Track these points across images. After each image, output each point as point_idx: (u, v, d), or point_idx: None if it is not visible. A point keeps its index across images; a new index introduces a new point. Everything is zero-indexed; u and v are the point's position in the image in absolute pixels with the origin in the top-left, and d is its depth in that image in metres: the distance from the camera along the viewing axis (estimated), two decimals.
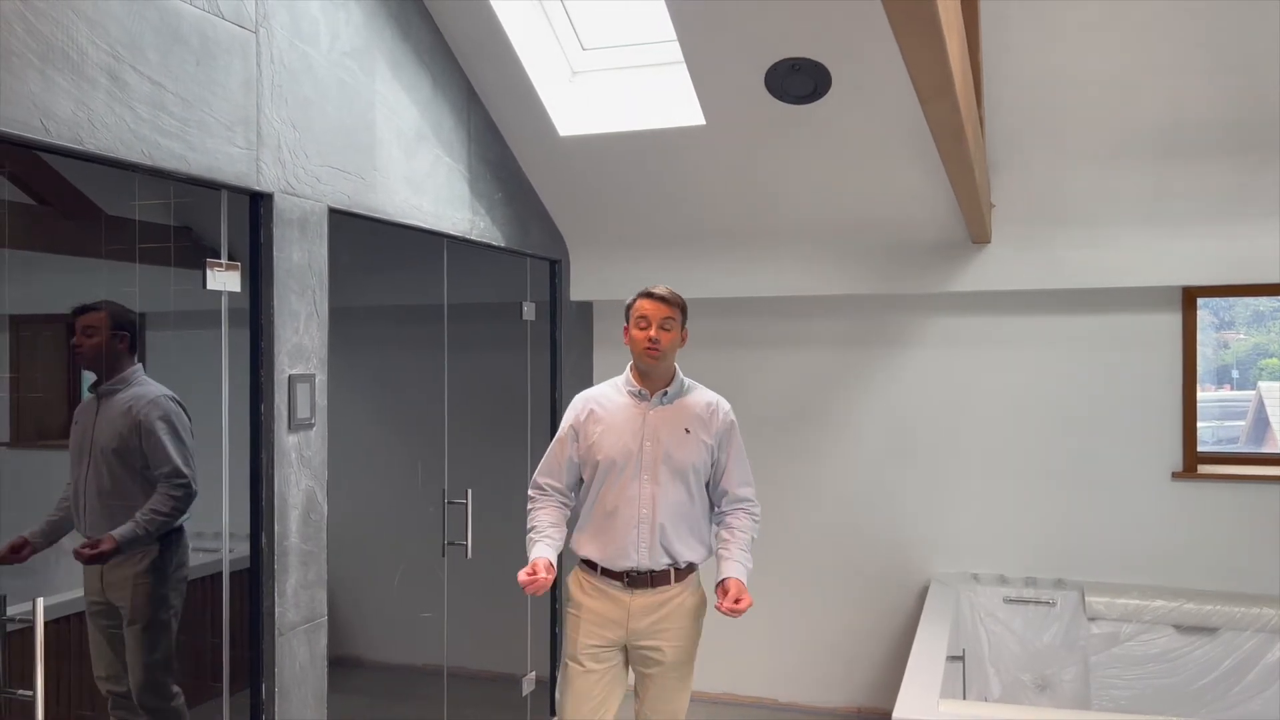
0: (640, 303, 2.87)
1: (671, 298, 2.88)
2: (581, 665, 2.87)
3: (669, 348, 2.86)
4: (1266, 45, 3.43)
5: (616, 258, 4.67)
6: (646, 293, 2.88)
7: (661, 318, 2.84)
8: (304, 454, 2.84)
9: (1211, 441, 4.60)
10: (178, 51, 2.39)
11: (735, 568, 2.85)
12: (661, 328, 2.84)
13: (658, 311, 2.84)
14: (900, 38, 1.92)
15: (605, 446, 2.86)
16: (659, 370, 2.90)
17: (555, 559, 2.82)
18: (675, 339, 2.88)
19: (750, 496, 3.00)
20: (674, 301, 2.88)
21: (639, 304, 2.88)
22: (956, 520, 4.54)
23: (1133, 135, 3.86)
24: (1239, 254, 3.93)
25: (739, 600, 2.73)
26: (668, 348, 2.86)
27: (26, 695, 2.13)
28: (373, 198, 3.19)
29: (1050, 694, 4.23)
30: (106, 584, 2.50)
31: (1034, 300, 4.40)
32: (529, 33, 3.75)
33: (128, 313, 2.52)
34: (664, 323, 2.84)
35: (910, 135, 3.70)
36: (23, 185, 2.31)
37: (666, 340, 2.85)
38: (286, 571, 2.77)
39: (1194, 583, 4.21)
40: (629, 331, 2.90)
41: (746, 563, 2.89)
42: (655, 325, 2.83)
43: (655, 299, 2.86)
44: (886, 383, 4.64)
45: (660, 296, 2.86)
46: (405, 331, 4.28)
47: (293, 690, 2.80)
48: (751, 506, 2.99)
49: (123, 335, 2.50)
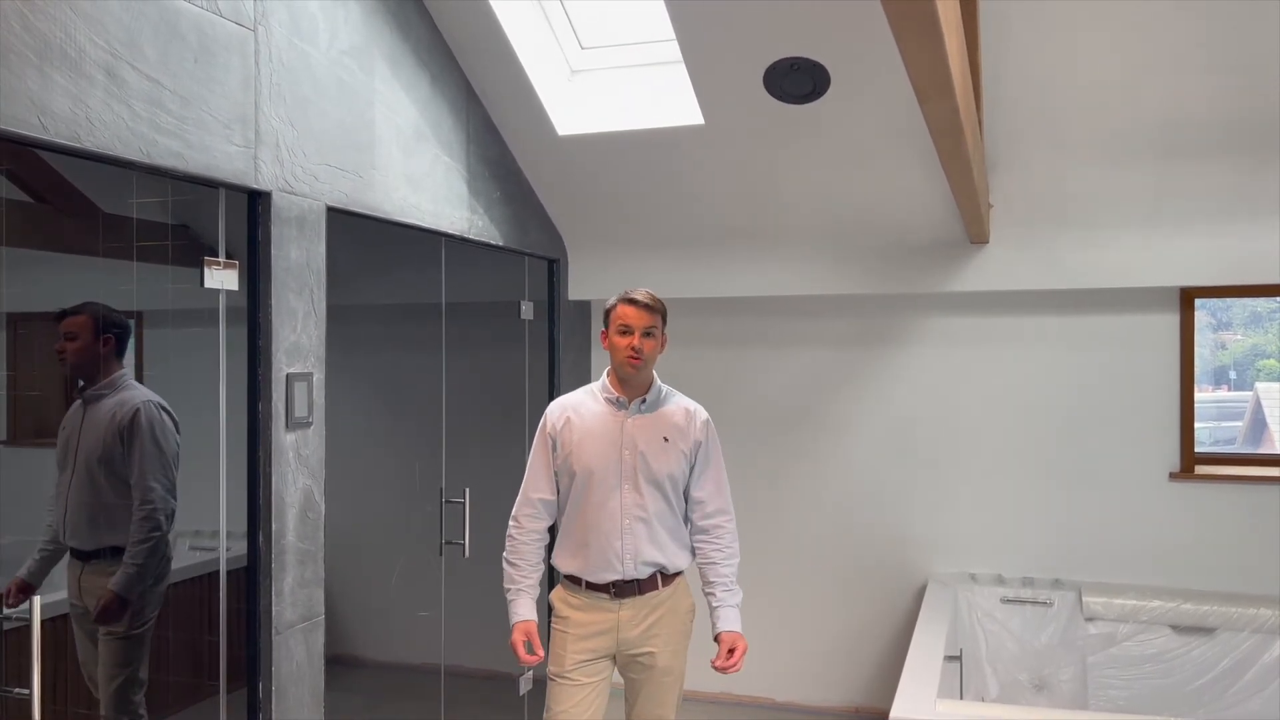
0: (622, 309, 2.78)
1: (654, 304, 2.79)
2: (572, 680, 2.79)
3: (650, 356, 2.78)
4: (1265, 46, 3.44)
5: (615, 257, 4.67)
6: (629, 299, 2.78)
7: (645, 326, 2.76)
8: (301, 453, 2.84)
9: (1209, 442, 4.60)
10: (176, 49, 2.39)
11: (729, 618, 2.84)
12: (645, 335, 2.76)
13: (640, 319, 2.76)
14: (899, 37, 1.92)
15: (583, 456, 2.79)
16: (639, 378, 2.82)
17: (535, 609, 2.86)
18: (656, 346, 2.80)
19: (727, 509, 2.92)
20: (656, 308, 2.79)
21: (621, 310, 2.79)
22: (954, 520, 4.54)
23: (1131, 136, 3.86)
24: (1237, 255, 3.94)
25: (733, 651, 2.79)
26: (649, 356, 2.78)
27: (23, 694, 2.13)
28: (371, 196, 3.19)
29: (1048, 694, 4.23)
30: (84, 589, 2.45)
31: (1032, 300, 4.40)
32: (528, 31, 3.75)
33: (114, 314, 2.46)
34: (647, 330, 2.76)
35: (909, 135, 3.70)
36: (20, 183, 2.30)
37: (649, 348, 2.77)
38: (284, 570, 2.76)
39: (1191, 583, 4.22)
40: (609, 336, 2.81)
41: (737, 602, 2.87)
42: (638, 333, 2.75)
43: (639, 306, 2.77)
44: (884, 383, 4.65)
45: (644, 304, 2.77)
46: (403, 330, 4.29)
47: (290, 689, 2.80)
48: (729, 523, 2.92)
49: (107, 339, 2.45)
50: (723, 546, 2.89)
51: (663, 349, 2.86)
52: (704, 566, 2.90)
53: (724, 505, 2.92)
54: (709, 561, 2.89)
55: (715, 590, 2.87)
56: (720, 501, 2.92)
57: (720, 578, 2.87)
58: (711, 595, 2.88)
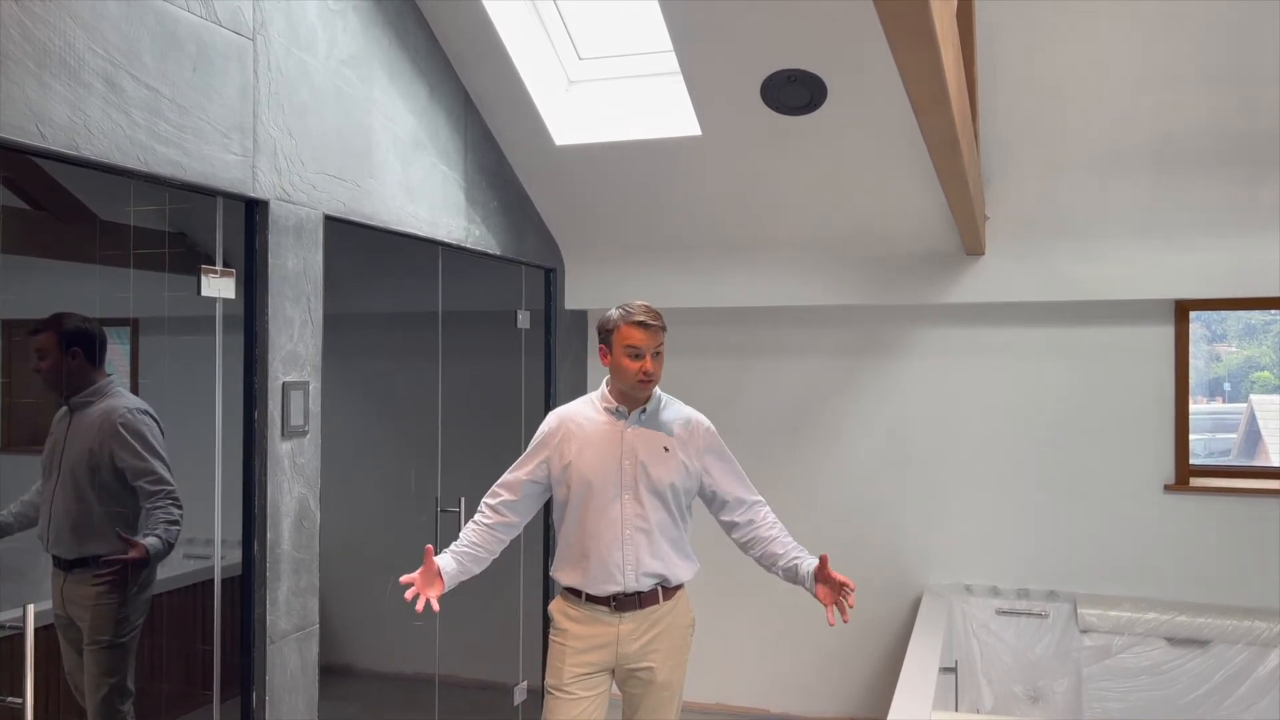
0: (628, 331, 2.71)
1: (661, 323, 2.76)
2: (570, 694, 2.75)
3: (660, 374, 2.78)
4: (1260, 59, 3.46)
5: (612, 267, 4.68)
6: (634, 321, 2.72)
7: (655, 347, 2.73)
8: (297, 461, 2.83)
9: (1204, 454, 4.61)
10: (175, 58, 2.40)
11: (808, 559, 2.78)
12: (655, 355, 2.73)
13: (650, 341, 2.71)
14: (895, 49, 1.93)
15: (583, 466, 2.75)
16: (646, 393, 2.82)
17: (450, 573, 2.68)
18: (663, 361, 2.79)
19: (760, 498, 2.91)
20: (663, 327, 2.76)
21: (628, 332, 2.71)
22: (949, 531, 4.54)
23: (1126, 148, 3.88)
24: (1232, 267, 3.95)
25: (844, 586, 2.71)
26: (660, 375, 2.77)
27: (16, 702, 2.12)
28: (369, 205, 3.20)
29: (1042, 706, 4.23)
30: (67, 598, 2.43)
31: (1027, 312, 4.41)
32: (526, 41, 3.76)
33: (82, 324, 2.45)
34: (657, 350, 2.74)
35: (905, 147, 3.72)
36: (18, 190, 2.31)
37: (659, 370, 2.76)
38: (279, 579, 2.76)
39: (1186, 595, 4.22)
40: (613, 357, 2.75)
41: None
42: (649, 356, 2.71)
43: (647, 328, 2.71)
44: (880, 393, 4.65)
45: (651, 325, 2.72)
46: (400, 339, 4.28)
47: (284, 698, 2.79)
48: (767, 507, 2.91)
49: (74, 351, 2.44)
50: (773, 524, 2.88)
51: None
52: (767, 545, 2.84)
53: (756, 495, 2.92)
54: (769, 538, 2.84)
55: (789, 551, 2.81)
56: (752, 494, 2.91)
57: (787, 547, 2.83)
58: (791, 557, 2.80)
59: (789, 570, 2.81)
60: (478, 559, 2.79)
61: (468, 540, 2.79)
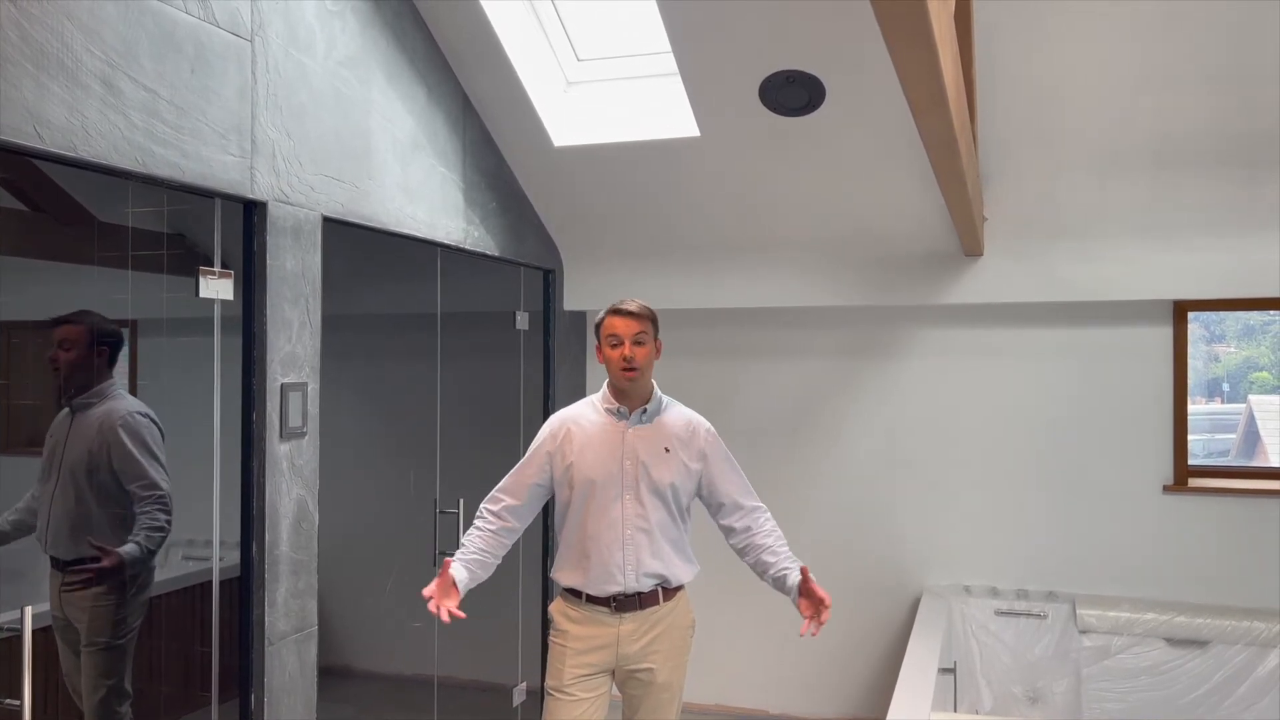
0: (610, 320, 2.78)
1: (641, 311, 2.78)
2: (570, 695, 2.75)
3: (645, 364, 2.77)
4: (1259, 59, 3.46)
5: (610, 268, 4.68)
6: (615, 309, 2.78)
7: (634, 334, 2.74)
8: (295, 463, 2.83)
9: (1202, 455, 4.61)
10: (173, 59, 2.39)
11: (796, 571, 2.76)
12: (635, 343, 2.74)
13: (629, 328, 2.75)
14: (894, 50, 1.93)
15: (584, 467, 2.76)
16: (637, 388, 2.81)
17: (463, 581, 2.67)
18: (650, 353, 2.79)
19: (760, 503, 2.91)
20: (644, 315, 2.78)
21: (609, 321, 2.78)
22: (948, 532, 4.54)
23: (1125, 148, 3.88)
24: (1231, 268, 3.95)
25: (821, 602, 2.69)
26: (644, 364, 2.77)
27: (13, 704, 2.12)
28: (367, 206, 3.19)
29: (1042, 706, 4.23)
30: (65, 600, 2.42)
31: (1026, 313, 4.41)
32: (524, 43, 3.76)
33: (107, 324, 2.46)
34: (637, 338, 2.75)
35: (904, 148, 3.72)
36: (16, 191, 2.30)
37: (642, 356, 2.76)
38: (277, 580, 2.75)
39: (1185, 596, 4.22)
40: (602, 350, 2.80)
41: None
42: (629, 342, 2.74)
43: (625, 315, 2.76)
44: (879, 394, 4.65)
45: (630, 312, 2.76)
46: (398, 340, 4.28)
47: (282, 700, 2.78)
48: (767, 513, 2.90)
49: (101, 349, 2.44)
50: (769, 532, 2.87)
51: (658, 355, 2.85)
52: (760, 554, 2.84)
53: (757, 502, 2.92)
54: (763, 547, 2.84)
55: (780, 561, 2.81)
56: (751, 498, 2.91)
57: (779, 556, 2.82)
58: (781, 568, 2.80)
59: (777, 580, 2.82)
60: (485, 565, 2.79)
61: (475, 547, 2.78)
